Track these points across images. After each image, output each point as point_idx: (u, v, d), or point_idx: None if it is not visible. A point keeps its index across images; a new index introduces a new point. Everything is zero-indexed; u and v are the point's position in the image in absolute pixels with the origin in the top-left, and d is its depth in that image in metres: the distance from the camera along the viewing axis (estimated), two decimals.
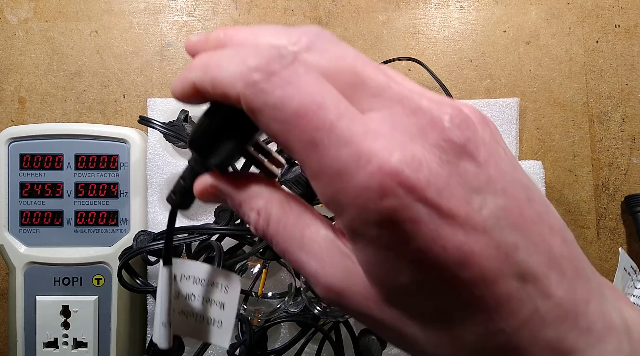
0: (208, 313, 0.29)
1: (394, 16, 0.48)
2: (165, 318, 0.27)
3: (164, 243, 0.31)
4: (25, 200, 0.42)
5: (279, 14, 0.47)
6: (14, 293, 0.42)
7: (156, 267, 0.43)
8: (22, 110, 0.46)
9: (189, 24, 0.47)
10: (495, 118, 0.45)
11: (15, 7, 0.46)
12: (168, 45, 0.47)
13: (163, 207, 0.43)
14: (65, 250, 0.42)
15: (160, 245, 0.36)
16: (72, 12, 0.47)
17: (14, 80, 0.46)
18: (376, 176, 0.16)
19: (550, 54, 0.47)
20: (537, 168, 0.44)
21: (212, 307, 0.29)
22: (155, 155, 0.43)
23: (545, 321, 0.17)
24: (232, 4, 0.47)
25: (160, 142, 0.44)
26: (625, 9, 0.47)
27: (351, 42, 0.48)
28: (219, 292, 0.29)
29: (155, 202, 0.43)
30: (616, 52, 0.47)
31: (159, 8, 0.47)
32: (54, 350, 0.41)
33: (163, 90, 0.47)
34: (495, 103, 0.46)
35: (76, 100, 0.47)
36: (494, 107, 0.46)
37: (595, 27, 0.47)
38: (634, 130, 0.47)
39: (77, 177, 0.42)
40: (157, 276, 0.42)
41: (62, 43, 0.47)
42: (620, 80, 0.47)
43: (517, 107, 0.46)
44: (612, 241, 0.47)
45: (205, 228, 0.38)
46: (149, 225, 0.43)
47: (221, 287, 0.29)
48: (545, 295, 0.17)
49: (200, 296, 0.29)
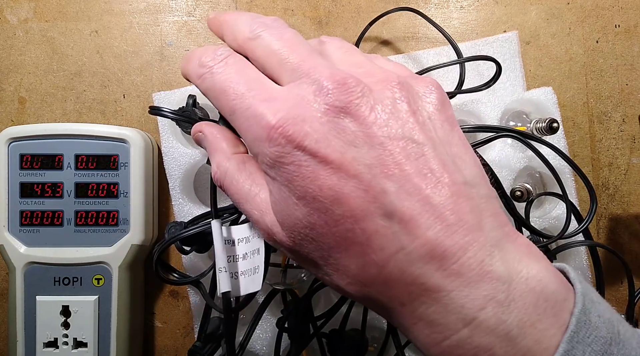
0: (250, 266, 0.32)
1: (394, 16, 0.48)
2: (221, 264, 0.31)
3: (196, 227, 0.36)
4: (25, 200, 0.42)
5: (278, 14, 0.47)
6: (13, 293, 0.42)
7: (190, 259, 0.44)
8: (22, 110, 0.46)
9: (189, 24, 0.47)
10: (497, 54, 0.44)
11: (15, 7, 0.46)
12: (168, 45, 0.47)
13: (187, 198, 0.44)
14: (65, 250, 0.42)
15: (194, 231, 0.36)
16: (72, 12, 0.47)
17: (14, 80, 0.46)
18: (265, 129, 0.21)
19: (550, 54, 0.47)
20: (549, 94, 0.44)
21: (253, 258, 0.32)
22: (170, 148, 0.44)
23: (411, 258, 0.19)
24: (232, 4, 0.47)
25: (172, 135, 0.44)
26: (625, 9, 0.47)
27: (351, 42, 0.47)
28: (255, 241, 0.32)
29: (178, 195, 0.44)
30: (616, 52, 0.47)
31: (159, 8, 0.47)
32: (54, 350, 0.41)
33: (163, 90, 0.47)
34: (495, 39, 0.46)
35: (76, 100, 0.47)
36: (494, 44, 0.47)
37: (595, 27, 0.47)
38: (634, 130, 0.47)
39: (77, 177, 0.42)
40: (192, 268, 0.44)
41: (62, 43, 0.47)
42: (620, 80, 0.47)
43: (517, 40, 0.47)
44: (612, 241, 0.47)
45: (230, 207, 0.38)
46: (175, 218, 0.44)
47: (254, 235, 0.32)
48: (412, 235, 0.19)
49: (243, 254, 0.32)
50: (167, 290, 0.47)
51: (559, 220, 0.43)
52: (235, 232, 0.33)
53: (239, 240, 0.33)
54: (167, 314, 0.47)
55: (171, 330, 0.47)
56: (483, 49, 0.47)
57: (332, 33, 0.47)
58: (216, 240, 0.32)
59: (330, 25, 0.47)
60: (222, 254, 0.31)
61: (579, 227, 0.37)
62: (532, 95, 0.44)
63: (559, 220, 0.43)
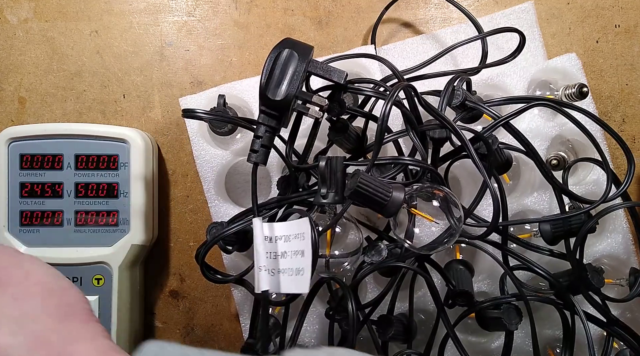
0: (291, 265, 0.32)
1: (394, 16, 0.48)
2: (260, 263, 0.31)
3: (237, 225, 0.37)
4: (26, 200, 0.42)
5: (279, 14, 0.47)
6: None
7: (232, 259, 0.44)
8: (22, 110, 0.46)
9: (189, 24, 0.47)
10: (515, 25, 0.44)
11: (15, 7, 0.46)
12: (168, 45, 0.47)
13: (221, 199, 0.44)
14: (65, 250, 0.42)
15: (236, 229, 0.37)
16: (72, 12, 0.47)
17: (14, 80, 0.46)
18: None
19: (550, 53, 0.47)
20: (574, 60, 0.44)
21: (294, 259, 0.32)
22: (201, 151, 0.44)
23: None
24: (232, 4, 0.47)
25: (202, 137, 0.44)
26: (625, 9, 0.47)
27: (351, 42, 0.48)
28: (297, 242, 0.32)
29: (213, 196, 0.44)
30: (616, 52, 0.47)
31: (159, 8, 0.47)
32: None
33: (163, 90, 0.47)
34: (512, 11, 0.47)
35: (76, 100, 0.47)
36: (511, 16, 0.47)
37: (595, 27, 0.47)
38: (634, 130, 0.47)
39: (77, 177, 0.42)
40: (234, 267, 0.44)
41: (62, 43, 0.47)
42: (620, 80, 0.47)
43: (533, 10, 0.47)
44: None
45: (269, 202, 0.39)
46: (212, 218, 0.44)
47: (297, 236, 0.32)
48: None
49: (283, 251, 0.33)
50: (167, 290, 0.47)
51: (596, 185, 0.44)
52: (275, 229, 0.34)
53: (278, 237, 0.33)
54: (167, 314, 0.47)
55: (171, 330, 0.47)
56: (501, 22, 0.47)
57: (332, 33, 0.47)
58: (257, 238, 0.32)
59: (330, 25, 0.47)
60: (262, 252, 0.32)
61: (618, 190, 0.38)
62: (557, 62, 0.44)
63: (596, 184, 0.44)
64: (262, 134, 0.33)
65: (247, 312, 0.45)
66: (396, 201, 0.31)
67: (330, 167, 0.34)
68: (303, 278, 0.31)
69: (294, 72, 0.32)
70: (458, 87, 0.38)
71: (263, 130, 0.33)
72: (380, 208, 0.32)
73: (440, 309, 0.39)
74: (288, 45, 0.33)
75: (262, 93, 0.32)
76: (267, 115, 0.33)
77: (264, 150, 0.33)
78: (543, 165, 0.38)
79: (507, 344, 0.38)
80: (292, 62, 0.32)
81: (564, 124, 0.43)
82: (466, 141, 0.33)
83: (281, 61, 0.32)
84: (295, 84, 0.32)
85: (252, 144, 0.33)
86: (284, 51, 0.32)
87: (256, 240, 0.32)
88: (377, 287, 0.44)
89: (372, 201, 0.31)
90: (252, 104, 0.44)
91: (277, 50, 0.33)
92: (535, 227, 0.42)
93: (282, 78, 0.32)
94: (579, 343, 0.40)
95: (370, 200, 0.31)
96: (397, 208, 0.32)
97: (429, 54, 0.46)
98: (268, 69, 0.32)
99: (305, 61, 0.32)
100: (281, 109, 0.33)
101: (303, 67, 0.32)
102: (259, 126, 0.33)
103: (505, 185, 0.45)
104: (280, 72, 0.32)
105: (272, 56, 0.32)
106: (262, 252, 0.32)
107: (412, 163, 0.36)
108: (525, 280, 0.42)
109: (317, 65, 0.34)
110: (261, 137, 0.33)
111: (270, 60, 0.32)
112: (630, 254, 0.44)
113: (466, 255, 0.44)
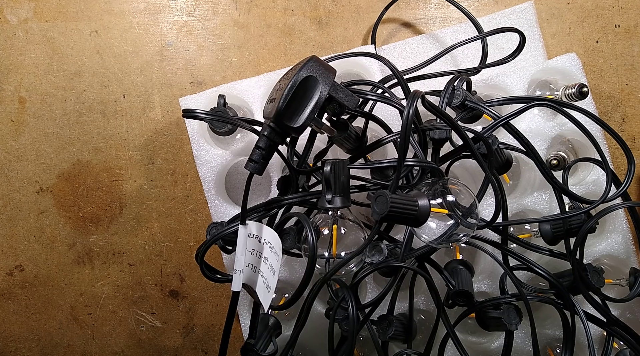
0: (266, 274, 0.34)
1: (394, 16, 0.48)
2: (237, 266, 0.32)
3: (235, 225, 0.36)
4: None
5: (279, 14, 0.47)
6: None
7: (232, 259, 0.44)
8: (22, 110, 0.46)
9: (189, 24, 0.47)
10: (515, 25, 0.44)
11: (15, 7, 0.46)
12: (168, 45, 0.47)
13: (222, 199, 0.44)
14: None
15: (234, 229, 0.37)
16: (72, 12, 0.47)
17: (14, 80, 0.46)
18: None
19: (550, 53, 0.47)
20: (574, 60, 0.44)
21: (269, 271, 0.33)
22: (201, 151, 0.44)
23: None
24: (232, 4, 0.47)
25: (202, 137, 0.44)
26: (625, 9, 0.47)
27: (351, 42, 0.48)
28: (274, 258, 0.33)
29: (213, 197, 0.44)
30: (616, 52, 0.47)
31: (159, 8, 0.47)
32: None
33: (163, 90, 0.47)
34: (512, 11, 0.47)
35: (76, 100, 0.47)
36: (511, 16, 0.47)
37: (595, 27, 0.47)
38: (634, 130, 0.47)
39: None
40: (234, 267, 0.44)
41: (62, 43, 0.47)
42: (620, 80, 0.47)
43: (533, 10, 0.47)
44: None
45: (272, 201, 0.39)
46: (212, 218, 0.44)
47: (275, 253, 0.33)
48: None
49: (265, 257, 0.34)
50: (167, 290, 0.47)
51: (596, 185, 0.44)
52: (264, 232, 0.34)
53: (265, 241, 0.34)
54: (167, 314, 0.47)
55: (171, 330, 0.47)
56: (501, 22, 0.47)
57: (332, 33, 0.47)
58: (239, 245, 0.33)
59: (330, 25, 0.47)
60: (242, 259, 0.33)
61: (618, 190, 0.38)
62: (557, 62, 0.45)
63: (596, 184, 0.44)
64: (264, 146, 0.32)
65: (247, 312, 0.45)
66: (424, 209, 0.31)
67: (335, 171, 0.34)
68: (268, 296, 0.31)
69: (315, 103, 0.31)
70: (458, 87, 0.38)
71: (266, 144, 0.32)
72: (412, 222, 0.31)
73: (441, 309, 0.39)
74: (312, 69, 0.31)
75: (279, 116, 0.31)
76: (275, 132, 0.32)
77: (263, 163, 0.33)
78: (543, 165, 0.38)
79: (507, 344, 0.38)
80: (315, 91, 0.31)
81: (564, 124, 0.44)
82: (471, 144, 0.33)
83: (304, 88, 0.31)
84: (314, 113, 0.31)
85: (252, 154, 0.33)
86: (309, 78, 0.31)
87: (238, 248, 0.33)
88: (377, 287, 0.44)
89: (404, 218, 0.30)
90: (252, 104, 0.44)
91: (301, 74, 0.31)
92: (535, 226, 0.42)
93: (303, 107, 0.31)
94: (579, 343, 0.40)
95: (403, 218, 0.30)
96: (427, 215, 0.31)
97: (429, 53, 0.46)
98: (289, 95, 0.31)
99: (327, 90, 0.31)
100: (294, 134, 0.32)
101: (325, 97, 0.31)
102: (263, 138, 0.32)
103: (505, 185, 0.45)
104: (300, 98, 0.31)
105: (295, 80, 0.31)
106: (242, 259, 0.33)
107: (416, 164, 0.36)
108: (525, 280, 0.42)
109: (338, 89, 0.33)
110: (263, 149, 0.32)
111: (293, 86, 0.31)
112: (630, 254, 0.44)
113: (466, 255, 0.44)
